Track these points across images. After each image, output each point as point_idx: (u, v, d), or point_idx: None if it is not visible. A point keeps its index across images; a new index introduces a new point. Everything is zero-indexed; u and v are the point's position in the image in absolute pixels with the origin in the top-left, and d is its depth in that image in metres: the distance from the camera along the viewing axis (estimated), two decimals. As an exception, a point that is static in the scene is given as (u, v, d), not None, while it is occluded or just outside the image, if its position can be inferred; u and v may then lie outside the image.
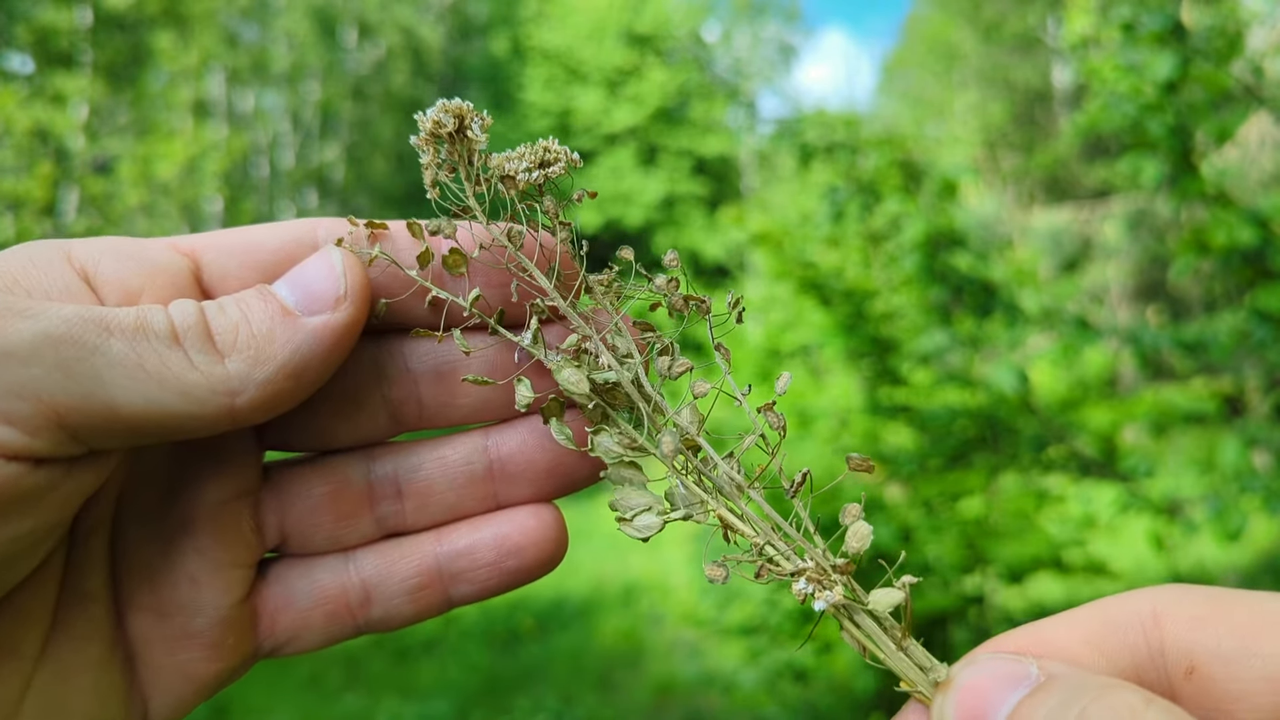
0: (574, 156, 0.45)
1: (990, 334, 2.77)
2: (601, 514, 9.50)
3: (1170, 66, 2.01)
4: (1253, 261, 2.08)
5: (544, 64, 21.41)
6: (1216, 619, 0.35)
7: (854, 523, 0.42)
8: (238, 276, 0.42)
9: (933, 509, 2.96)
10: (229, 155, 14.63)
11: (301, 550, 0.46)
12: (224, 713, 4.70)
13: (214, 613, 0.43)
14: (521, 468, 0.46)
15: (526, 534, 0.45)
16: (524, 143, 0.44)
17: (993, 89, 17.53)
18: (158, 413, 0.36)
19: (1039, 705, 0.33)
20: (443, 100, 0.43)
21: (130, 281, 0.39)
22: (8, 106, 10.39)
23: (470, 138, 0.44)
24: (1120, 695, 0.32)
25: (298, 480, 0.46)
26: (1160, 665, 0.36)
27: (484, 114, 0.44)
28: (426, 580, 0.45)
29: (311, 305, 0.39)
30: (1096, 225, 11.31)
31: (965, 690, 0.36)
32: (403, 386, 0.45)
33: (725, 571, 0.42)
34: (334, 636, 0.46)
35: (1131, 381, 7.20)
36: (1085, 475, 2.62)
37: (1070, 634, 0.38)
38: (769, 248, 3.48)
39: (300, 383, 0.39)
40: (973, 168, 3.20)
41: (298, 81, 18.41)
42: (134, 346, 0.36)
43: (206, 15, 14.88)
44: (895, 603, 0.40)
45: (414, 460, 0.46)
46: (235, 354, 0.37)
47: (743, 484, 0.43)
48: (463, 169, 0.44)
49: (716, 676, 4.70)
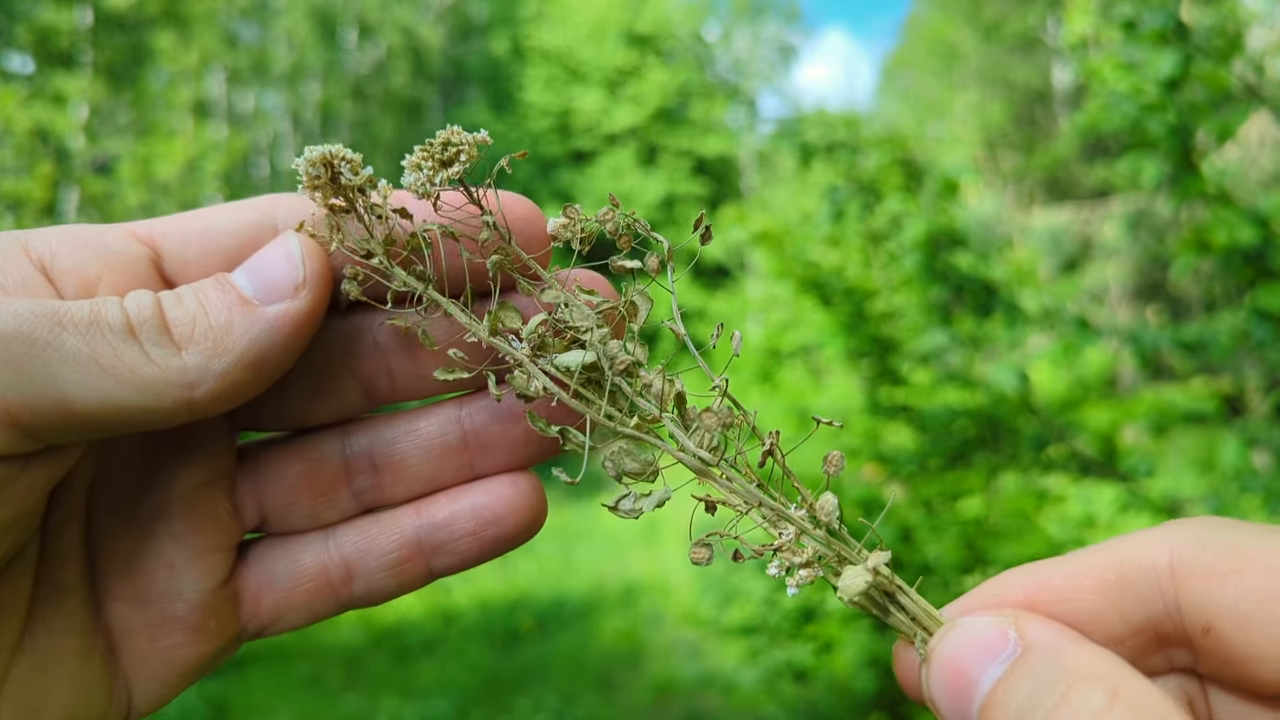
0: (480, 136, 0.42)
1: (990, 334, 2.77)
2: (602, 514, 9.51)
3: (1172, 64, 2.01)
4: (1253, 261, 2.08)
5: (544, 64, 21.40)
6: (1234, 578, 0.35)
7: (830, 479, 0.42)
8: (198, 263, 0.41)
9: (933, 509, 2.96)
10: (229, 155, 14.61)
11: (281, 529, 0.46)
12: (224, 713, 4.70)
13: (194, 598, 0.43)
14: (496, 437, 0.45)
15: (505, 503, 0.45)
16: (423, 142, 0.42)
17: (993, 89, 17.53)
18: (114, 407, 0.36)
19: (1012, 695, 0.33)
20: (309, 148, 0.41)
21: (87, 270, 0.39)
22: (8, 106, 10.38)
23: (344, 184, 0.42)
24: (1085, 695, 0.31)
25: (273, 460, 0.46)
26: (1177, 620, 0.36)
27: (352, 155, 0.42)
28: (407, 554, 0.45)
29: (270, 294, 0.39)
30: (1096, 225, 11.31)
31: (945, 665, 0.36)
32: (373, 360, 0.45)
33: (710, 551, 0.42)
34: (318, 614, 0.46)
35: (1131, 381, 7.20)
36: (1085, 475, 2.62)
37: (1080, 580, 0.38)
38: (769, 247, 3.48)
39: (260, 373, 0.39)
40: (973, 167, 3.20)
41: (298, 81, 18.40)
42: (88, 341, 0.35)
43: (206, 15, 14.87)
44: (860, 589, 0.39)
45: (388, 434, 0.46)
46: (192, 346, 0.37)
47: (712, 459, 0.42)
48: (352, 211, 0.42)
49: (716, 676, 4.70)
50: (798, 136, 3.64)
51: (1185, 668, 0.38)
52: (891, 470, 3.03)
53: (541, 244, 0.45)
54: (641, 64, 21.51)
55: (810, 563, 0.41)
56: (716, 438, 0.42)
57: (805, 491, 0.42)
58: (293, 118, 18.36)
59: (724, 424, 0.43)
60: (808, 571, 0.40)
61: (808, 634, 3.59)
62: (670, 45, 22.50)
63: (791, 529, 0.41)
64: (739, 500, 0.42)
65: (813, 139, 3.51)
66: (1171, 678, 0.39)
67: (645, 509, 0.43)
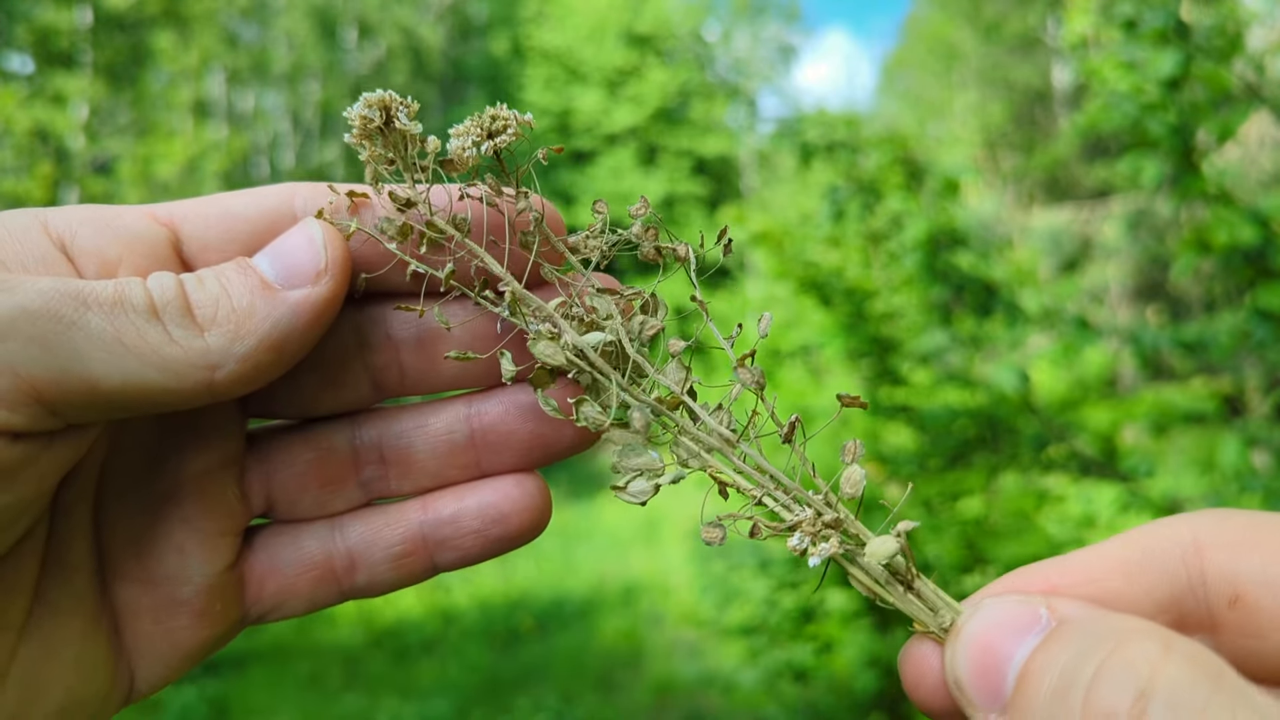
0: (525, 118, 0.43)
1: (990, 334, 2.77)
2: (602, 514, 9.52)
3: (1173, 64, 2.01)
4: (1253, 261, 2.08)
5: (544, 64, 21.40)
6: (1261, 544, 0.34)
7: (851, 463, 0.41)
8: (218, 248, 0.42)
9: (932, 509, 2.96)
10: (229, 155, 14.62)
11: (288, 517, 0.46)
12: (224, 713, 4.70)
13: (201, 581, 0.43)
14: (504, 437, 0.46)
15: (511, 502, 0.45)
16: (472, 114, 0.43)
17: (993, 89, 17.53)
18: (136, 387, 0.36)
19: (1053, 659, 0.31)
20: (365, 94, 0.42)
21: (108, 251, 0.39)
22: (8, 106, 10.39)
23: (399, 128, 0.42)
24: (1138, 645, 0.30)
25: (283, 448, 0.46)
26: (1201, 595, 0.35)
27: (409, 100, 0.43)
28: (411, 547, 0.46)
29: (292, 279, 0.39)
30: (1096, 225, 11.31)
31: (973, 643, 0.35)
32: (384, 354, 0.45)
33: (722, 532, 0.42)
34: (319, 603, 0.46)
35: (1131, 381, 7.20)
36: (1085, 475, 2.62)
37: (1102, 564, 0.37)
38: (769, 247, 3.48)
39: (281, 356, 0.39)
40: (973, 167, 3.20)
41: (298, 81, 18.41)
42: (112, 320, 0.35)
43: (206, 15, 14.88)
44: (890, 553, 0.39)
45: (397, 428, 0.46)
46: (215, 328, 0.37)
47: (733, 438, 0.42)
48: (400, 161, 0.43)
49: (716, 676, 4.70)
50: (798, 136, 3.64)
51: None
52: (891, 470, 3.03)
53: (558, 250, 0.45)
54: (641, 64, 21.51)
55: (832, 534, 0.40)
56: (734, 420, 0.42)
57: (822, 483, 0.41)
58: (293, 118, 18.36)
59: (759, 383, 0.43)
60: (832, 542, 0.40)
61: (808, 634, 3.59)
62: (670, 45, 22.51)
63: (810, 510, 0.41)
64: (753, 485, 0.41)
65: (813, 139, 3.51)
66: None
67: (659, 483, 0.43)
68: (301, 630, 5.97)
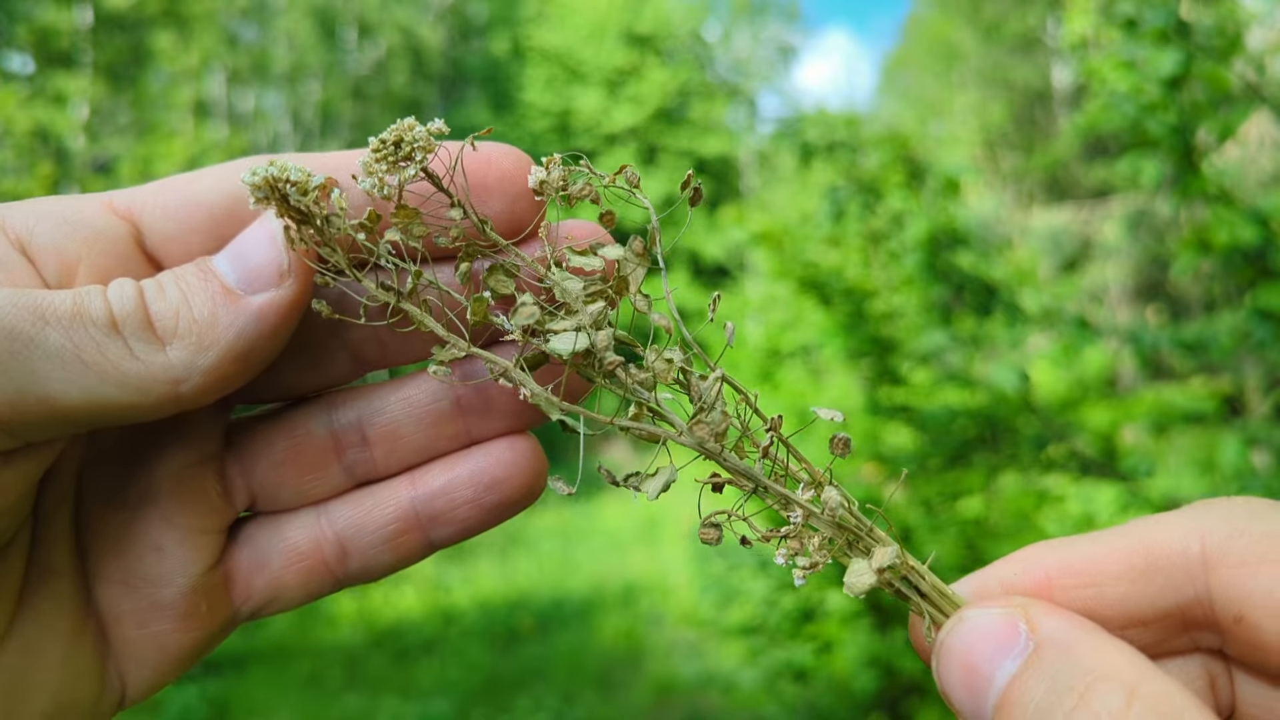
0: (434, 126, 0.39)
1: (990, 334, 2.77)
2: (602, 514, 9.52)
3: (1173, 63, 2.01)
4: (1254, 261, 2.08)
5: (544, 64, 21.39)
6: (1269, 567, 0.34)
7: (829, 481, 0.41)
8: (180, 239, 0.40)
9: (932, 509, 2.96)
10: (229, 155, 14.60)
11: (271, 508, 0.45)
12: (224, 713, 4.70)
13: (183, 582, 0.42)
14: (492, 401, 0.44)
15: (504, 467, 0.44)
16: (373, 139, 0.39)
17: (993, 89, 17.53)
18: (97, 404, 0.35)
19: (1029, 693, 0.33)
20: (251, 169, 0.37)
21: (67, 249, 0.38)
22: (8, 106, 10.38)
23: (293, 204, 0.38)
24: (1102, 697, 0.31)
25: (259, 438, 0.45)
26: (1207, 607, 0.35)
27: (293, 174, 0.38)
28: (404, 526, 0.44)
29: (254, 282, 0.38)
30: (1096, 225, 11.31)
31: (957, 660, 0.36)
32: (362, 326, 0.43)
33: (718, 532, 0.41)
34: (313, 593, 0.45)
35: (1131, 381, 7.20)
36: (1085, 475, 2.62)
37: (1108, 567, 0.37)
38: (769, 247, 3.48)
39: (247, 365, 0.38)
40: (973, 167, 3.20)
41: (298, 81, 18.40)
42: (71, 336, 0.34)
43: (206, 15, 14.88)
44: (866, 587, 0.39)
45: (377, 404, 0.44)
46: (177, 341, 0.36)
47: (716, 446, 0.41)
48: (310, 232, 0.39)
49: (716, 676, 4.70)
50: (798, 136, 3.64)
51: (1211, 648, 0.38)
52: (891, 470, 3.03)
53: (529, 198, 0.43)
54: (641, 64, 21.51)
55: (817, 556, 0.40)
56: (720, 419, 0.41)
57: (815, 470, 0.41)
58: (293, 118, 18.35)
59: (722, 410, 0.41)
60: (817, 559, 0.40)
61: (808, 634, 3.59)
62: (670, 45, 22.50)
63: (799, 513, 0.40)
64: (745, 481, 0.41)
65: (813, 139, 3.51)
66: (1195, 657, 0.38)
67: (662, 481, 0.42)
68: (302, 630, 5.97)
